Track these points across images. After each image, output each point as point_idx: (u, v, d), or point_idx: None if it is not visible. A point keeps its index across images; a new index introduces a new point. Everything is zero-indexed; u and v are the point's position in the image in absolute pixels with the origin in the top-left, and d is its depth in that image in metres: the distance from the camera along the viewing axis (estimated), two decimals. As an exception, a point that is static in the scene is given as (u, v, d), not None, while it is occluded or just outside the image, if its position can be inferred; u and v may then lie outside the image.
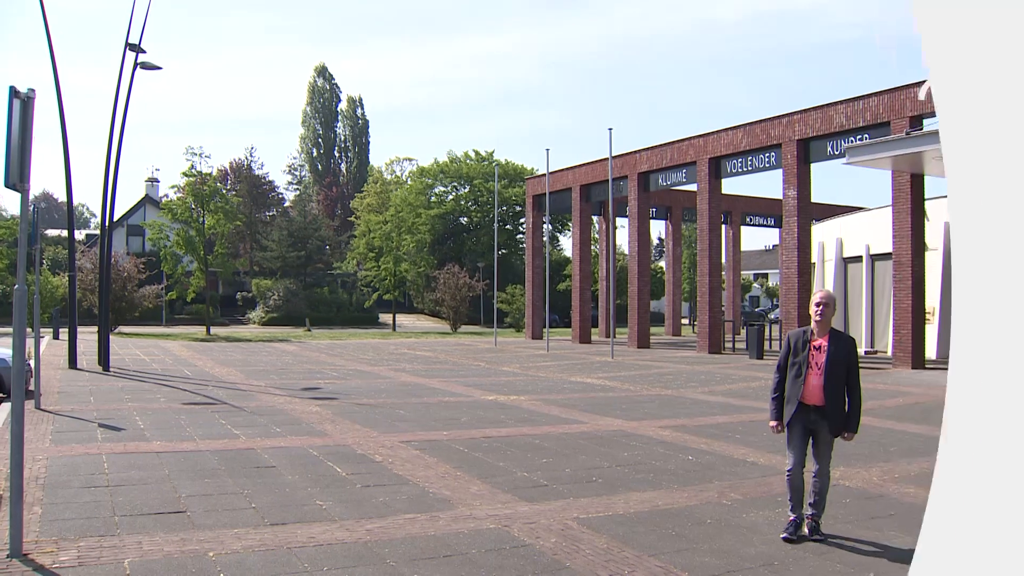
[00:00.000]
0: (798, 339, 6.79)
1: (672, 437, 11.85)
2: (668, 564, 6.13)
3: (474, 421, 13.21)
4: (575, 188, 37.90)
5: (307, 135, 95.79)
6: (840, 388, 6.61)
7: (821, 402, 6.61)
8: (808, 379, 6.64)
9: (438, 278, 55.45)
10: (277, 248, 68.41)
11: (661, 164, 32.63)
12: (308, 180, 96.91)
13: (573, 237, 39.22)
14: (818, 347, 6.67)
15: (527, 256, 42.14)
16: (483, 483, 8.69)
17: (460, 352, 31.37)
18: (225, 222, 43.38)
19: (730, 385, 19.27)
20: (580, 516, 7.43)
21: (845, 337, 6.75)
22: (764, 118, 27.75)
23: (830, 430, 6.65)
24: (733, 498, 8.17)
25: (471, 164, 73.98)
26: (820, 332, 6.72)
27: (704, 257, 30.51)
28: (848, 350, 6.65)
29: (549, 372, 22.56)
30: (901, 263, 22.70)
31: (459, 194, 74.66)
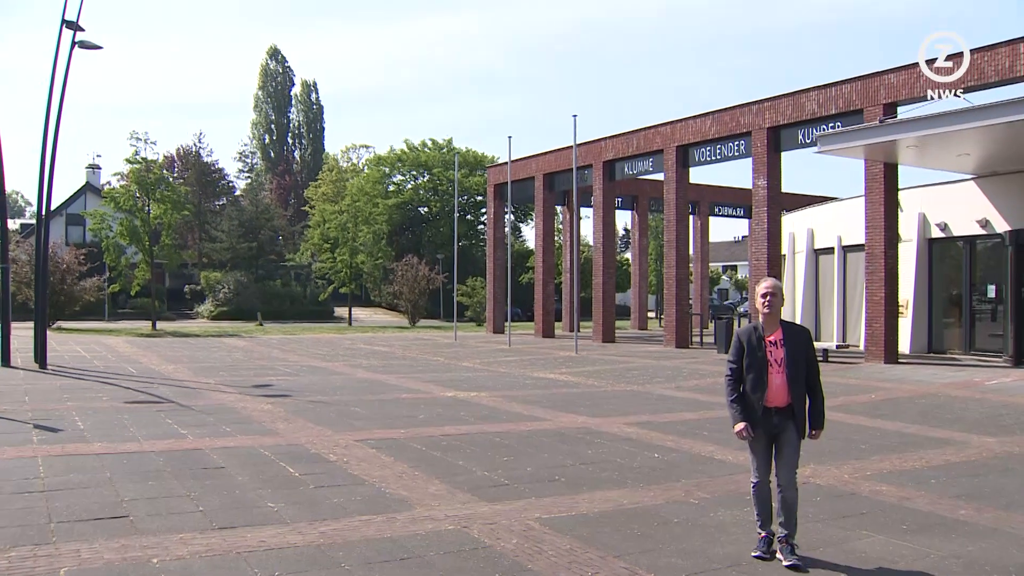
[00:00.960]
0: (750, 336, 6.32)
1: (638, 434, 11.90)
2: (633, 565, 6.16)
3: (433, 418, 13.20)
4: (538, 177, 37.91)
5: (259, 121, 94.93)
6: (802, 383, 6.28)
7: (785, 402, 6.22)
8: (769, 379, 6.23)
9: (396, 270, 55.24)
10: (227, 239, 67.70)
11: (627, 152, 32.75)
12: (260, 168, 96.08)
13: (536, 228, 39.25)
14: (773, 342, 6.28)
15: (488, 248, 42.09)
16: (442, 483, 8.68)
17: (418, 347, 31.32)
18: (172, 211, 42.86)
19: (698, 380, 19.41)
20: (542, 516, 7.45)
21: (798, 328, 6.42)
22: (733, 105, 27.96)
23: (797, 432, 6.26)
24: (700, 497, 8.23)
25: (430, 152, 73.79)
26: (771, 325, 6.33)
27: (671, 248, 30.68)
28: (805, 341, 6.34)
29: (511, 367, 22.59)
30: (874, 255, 22.99)
31: (418, 183, 74.44)
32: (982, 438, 11.62)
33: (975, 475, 9.28)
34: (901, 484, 8.77)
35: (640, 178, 38.35)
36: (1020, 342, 21.55)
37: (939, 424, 12.94)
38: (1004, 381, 18.29)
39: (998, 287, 23.26)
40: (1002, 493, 8.44)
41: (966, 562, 6.27)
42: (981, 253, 24.54)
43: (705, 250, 48.94)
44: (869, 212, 23.11)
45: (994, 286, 23.56)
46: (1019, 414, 13.93)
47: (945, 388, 17.43)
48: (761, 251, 26.60)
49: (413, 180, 74.89)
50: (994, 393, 16.58)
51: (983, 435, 11.86)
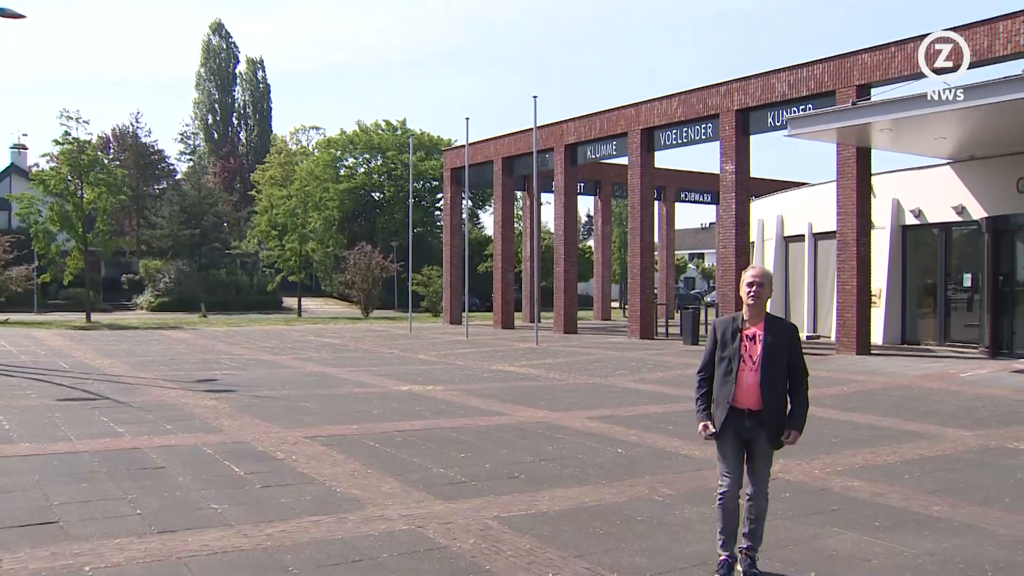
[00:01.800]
0: (726, 328, 5.96)
1: (600, 429, 11.95)
2: (595, 565, 6.17)
3: (386, 413, 13.19)
4: (497, 161, 37.87)
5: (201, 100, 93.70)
6: (780, 387, 5.85)
7: (758, 405, 5.79)
8: (741, 377, 5.83)
9: (348, 258, 54.97)
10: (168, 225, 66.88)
11: (590, 135, 32.80)
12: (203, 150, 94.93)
13: (495, 214, 39.21)
14: (751, 337, 5.87)
15: (445, 235, 42.01)
16: (396, 481, 8.66)
17: (372, 339, 31.24)
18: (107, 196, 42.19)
19: (663, 373, 19.53)
20: (501, 515, 7.45)
21: (784, 323, 6.02)
22: (701, 86, 28.09)
23: (769, 439, 5.85)
24: (665, 493, 8.28)
25: (383, 134, 73.44)
26: (754, 318, 5.93)
27: (635, 236, 30.82)
28: (789, 338, 5.92)
29: (468, 360, 22.60)
30: (845, 242, 23.24)
31: (370, 167, 74.08)
32: (957, 431, 11.81)
33: (950, 469, 9.43)
34: (873, 479, 8.87)
35: (603, 162, 38.41)
36: (997, 333, 21.93)
37: (913, 417, 13.13)
38: (980, 373, 18.60)
39: (974, 276, 23.62)
40: (977, 488, 8.58)
41: (940, 560, 6.36)
42: (957, 241, 24.90)
43: (671, 237, 49.25)
44: (841, 198, 23.35)
45: (970, 275, 23.92)
46: (995, 406, 14.18)
47: (919, 380, 17.69)
48: (729, 238, 26.80)
49: (366, 164, 74.48)
50: (970, 385, 16.86)
51: (958, 428, 12.05)
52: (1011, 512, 7.68)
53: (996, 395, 15.45)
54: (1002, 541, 6.81)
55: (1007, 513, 7.65)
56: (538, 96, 30.87)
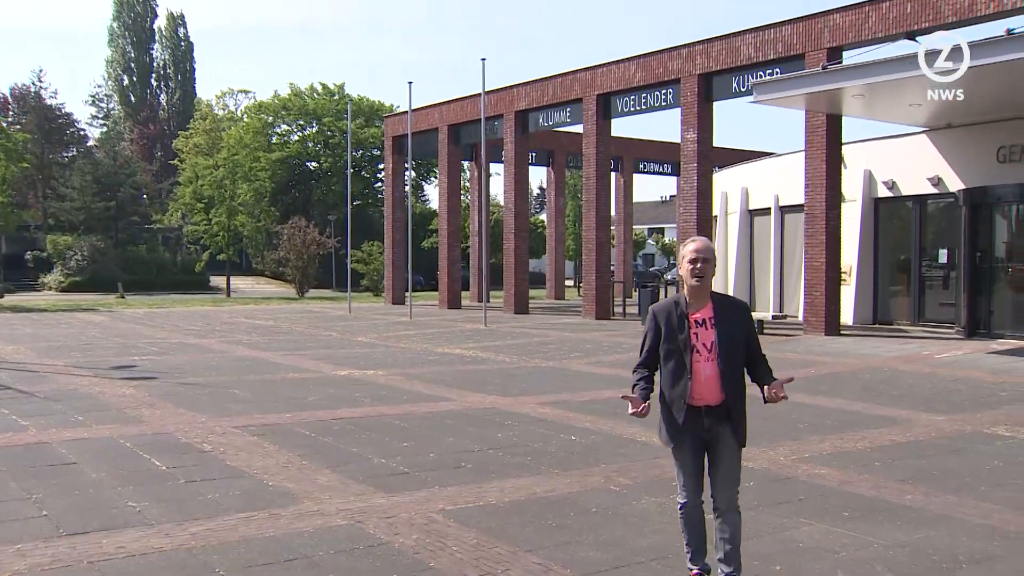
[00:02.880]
0: (669, 314, 5.46)
1: (553, 415, 12.01)
2: (548, 560, 6.20)
3: (323, 400, 13.16)
4: (442, 129, 37.72)
5: (115, 58, 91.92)
6: (740, 374, 5.50)
7: (719, 399, 5.39)
8: (696, 370, 5.38)
9: (281, 234, 54.51)
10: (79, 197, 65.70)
11: (542, 102, 32.76)
12: (118, 114, 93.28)
13: (440, 186, 39.10)
14: (701, 321, 5.41)
15: (386, 208, 41.81)
16: (333, 472, 8.65)
17: (308, 320, 31.09)
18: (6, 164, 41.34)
19: (619, 355, 19.64)
20: (446, 508, 7.46)
21: (734, 301, 5.66)
22: (661, 49, 28.15)
23: (735, 435, 5.47)
24: (622, 483, 8.33)
25: (319, 99, 72.80)
26: (699, 299, 5.47)
27: (591, 209, 30.89)
28: (743, 319, 5.55)
29: (412, 342, 22.57)
30: (814, 216, 23.49)
31: (305, 135, 73.45)
32: (931, 416, 12.01)
33: (923, 456, 9.58)
34: (842, 467, 9.00)
35: (556, 130, 38.42)
36: (974, 312, 22.32)
37: (884, 401, 13.34)
38: (956, 354, 18.94)
39: (950, 251, 23.96)
40: (952, 476, 8.73)
41: (912, 551, 6.46)
42: (932, 214, 25.28)
43: (628, 211, 49.48)
44: (809, 169, 23.59)
45: (946, 250, 24.26)
46: (971, 390, 14.45)
47: (891, 362, 17.98)
48: (690, 212, 26.97)
49: (300, 131, 73.82)
50: (945, 367, 17.16)
51: (932, 413, 12.25)
52: (987, 501, 7.82)
53: (972, 378, 15.74)
54: (977, 531, 6.94)
55: (982, 502, 7.78)
56: (486, 59, 30.82)
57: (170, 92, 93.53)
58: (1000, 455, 9.66)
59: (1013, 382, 15.18)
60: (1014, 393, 14.07)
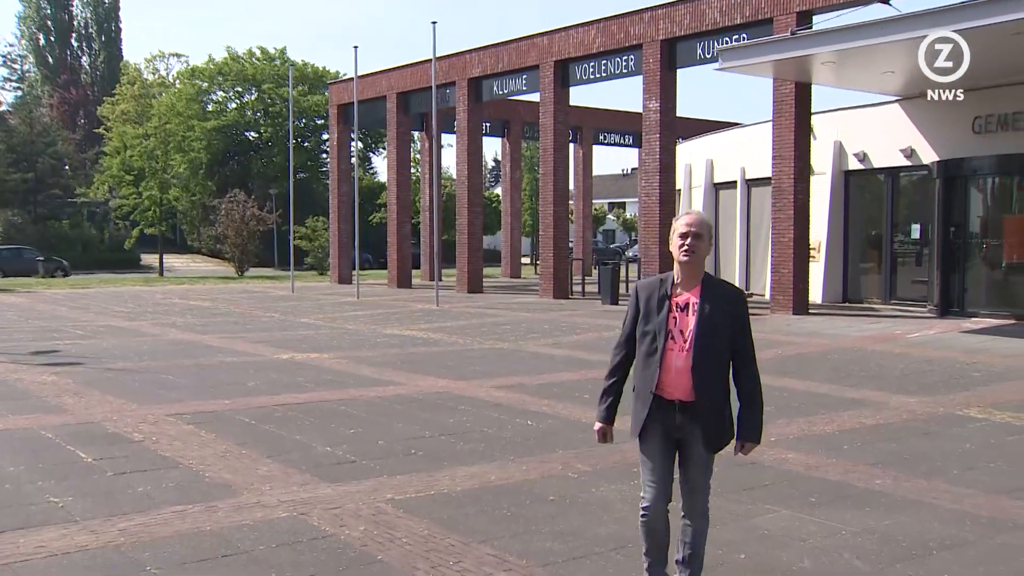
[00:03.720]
0: (651, 293, 5.13)
1: (508, 399, 12.07)
2: (502, 551, 6.23)
3: (264, 386, 13.13)
4: (391, 97, 37.50)
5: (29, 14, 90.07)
6: (720, 371, 5.05)
7: (689, 395, 5.01)
8: (667, 358, 5.03)
9: (218, 208, 53.95)
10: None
11: (496, 68, 32.66)
12: (34, 77, 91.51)
13: (389, 158, 38.89)
14: (683, 305, 5.05)
15: (332, 181, 41.56)
16: (275, 462, 8.63)
17: (248, 301, 30.92)
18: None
19: (578, 336, 19.74)
20: (395, 497, 7.47)
21: (728, 288, 5.25)
22: (622, 13, 28.13)
23: (705, 442, 5.09)
24: (580, 470, 8.38)
25: (258, 64, 71.99)
26: (688, 281, 5.10)
27: (548, 182, 30.90)
28: (734, 308, 5.11)
29: (359, 323, 22.54)
30: (782, 189, 23.65)
31: (244, 102, 72.62)
32: (902, 398, 12.19)
33: (893, 440, 9.74)
34: (810, 451, 9.12)
35: (512, 99, 38.34)
36: (947, 290, 22.62)
37: (854, 383, 13.52)
38: (928, 333, 19.23)
39: (923, 227, 24.25)
40: (923, 459, 8.88)
41: (882, 537, 6.57)
42: (905, 187, 25.57)
43: (588, 185, 49.53)
44: (777, 140, 23.72)
45: (919, 226, 24.56)
46: (944, 370, 14.68)
47: (862, 342, 18.21)
48: (652, 185, 27.06)
49: (238, 98, 72.96)
50: (916, 347, 17.41)
51: (903, 394, 12.44)
52: (959, 485, 7.97)
53: (945, 358, 15.98)
54: (948, 517, 7.07)
55: (954, 486, 7.93)
56: (437, 22, 30.57)
57: (93, 54, 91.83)
58: (972, 437, 9.84)
59: (986, 362, 15.45)
60: (987, 374, 14.33)
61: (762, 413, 5.19)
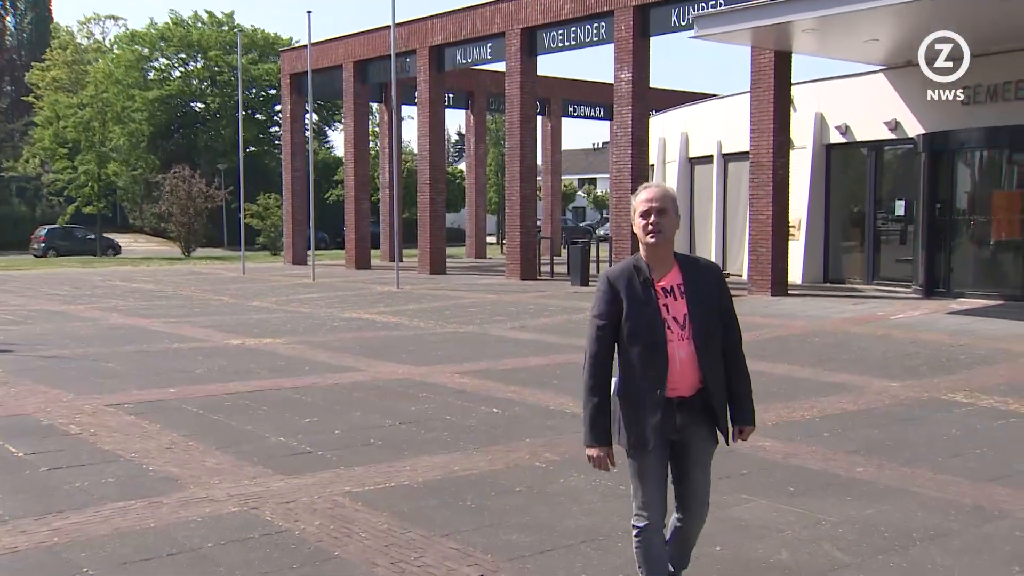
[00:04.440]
0: (630, 281, 4.72)
1: (473, 385, 12.09)
2: (466, 545, 6.25)
3: (213, 373, 13.09)
4: (347, 66, 37.29)
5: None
6: (719, 354, 4.82)
7: (692, 388, 4.72)
8: (670, 352, 4.66)
9: (163, 184, 53.57)
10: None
11: (460, 36, 32.54)
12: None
13: (346, 131, 38.75)
14: (668, 289, 4.72)
15: (285, 156, 41.31)
16: (224, 454, 8.61)
17: (195, 283, 30.77)
18: None
19: (546, 318, 19.78)
20: (353, 490, 7.48)
21: (704, 264, 4.97)
22: (592, -25, 28.11)
23: (713, 437, 4.86)
24: (548, 459, 8.42)
25: (204, 29, 71.44)
26: (661, 262, 4.77)
27: (515, 157, 30.86)
28: (716, 284, 4.85)
29: (315, 307, 22.48)
30: (760, 164, 23.71)
31: (189, 70, 72.02)
32: (884, 382, 12.29)
33: (875, 426, 9.83)
34: (789, 438, 9.19)
35: (476, 69, 38.22)
36: (932, 269, 22.72)
37: (835, 367, 13.62)
38: (912, 315, 19.39)
39: (908, 203, 24.40)
40: (906, 446, 8.97)
41: (863, 528, 6.64)
42: (889, 162, 25.72)
43: (557, 159, 49.58)
44: (755, 112, 23.77)
45: (904, 202, 24.72)
46: (929, 353, 14.81)
47: (843, 324, 18.35)
48: (624, 160, 27.09)
49: (182, 66, 72.36)
50: (900, 329, 17.56)
51: (886, 379, 12.55)
52: (943, 472, 8.06)
53: (930, 340, 16.13)
54: (933, 506, 7.15)
55: (939, 473, 8.02)
56: (396, -15, 30.37)
57: (19, 15, 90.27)
58: (958, 423, 9.95)
59: (973, 345, 15.60)
60: (973, 357, 14.47)
61: (751, 393, 4.99)
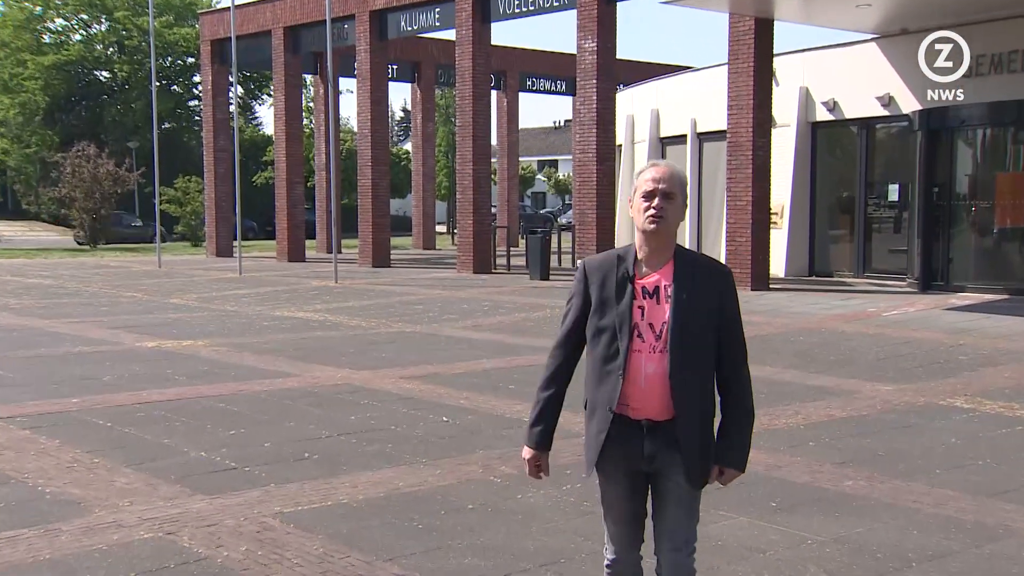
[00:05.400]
0: (606, 275, 4.44)
1: (421, 391, 12.10)
2: (412, 571, 6.26)
3: (124, 380, 12.98)
4: (276, 32, 37.13)
5: None
6: (705, 377, 4.42)
7: (665, 413, 4.36)
8: (634, 363, 4.35)
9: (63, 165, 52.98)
10: None
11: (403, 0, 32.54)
12: None
13: (276, 106, 38.57)
14: (652, 290, 4.39)
15: (206, 133, 41.05)
16: (136, 472, 8.54)
17: (103, 278, 30.50)
18: None
19: (502, 317, 19.83)
20: (285, 510, 7.45)
21: (709, 264, 4.60)
22: (552, -68, 28.13)
23: (689, 473, 4.40)
24: (505, 473, 8.42)
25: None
26: (656, 255, 4.44)
27: (467, 136, 30.82)
28: (720, 292, 4.44)
29: (243, 304, 22.42)
30: (739, 144, 23.78)
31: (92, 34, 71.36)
32: (876, 386, 12.41)
33: (866, 434, 9.91)
34: (772, 448, 9.24)
35: (423, 37, 38.20)
36: (929, 260, 22.87)
37: (821, 368, 13.74)
38: (907, 311, 19.58)
39: (903, 187, 24.53)
40: (900, 457, 9.05)
41: (853, 548, 6.70)
42: (882, 141, 25.91)
43: (513, 139, 49.59)
44: (733, 86, 23.83)
45: (898, 186, 24.84)
46: (925, 354, 14.96)
47: (830, 321, 18.50)
48: (589, 140, 27.10)
49: (84, 29, 71.70)
50: (894, 327, 17.73)
51: (878, 382, 12.66)
52: (942, 486, 8.13)
53: (926, 339, 16.29)
54: (930, 523, 7.21)
55: (937, 488, 8.08)
56: (332, -58, 30.30)
57: None
58: (958, 431, 10.05)
59: (974, 344, 15.77)
60: (975, 357, 14.64)
61: (751, 431, 4.57)
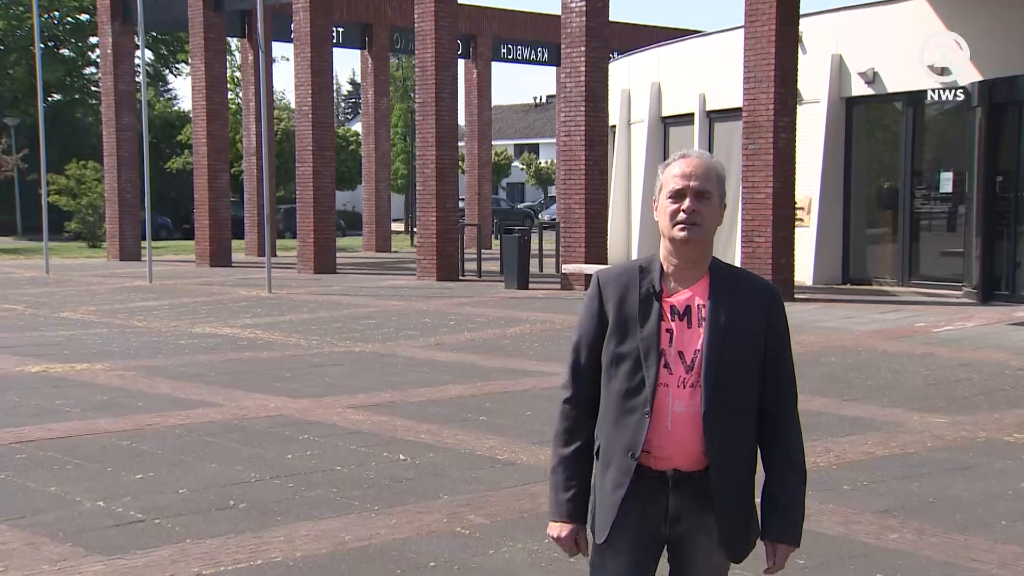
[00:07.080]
0: (627, 290, 4.26)
1: (372, 424, 12.07)
2: (362, 644, 6.20)
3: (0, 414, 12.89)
4: (196, -15, 37.16)
5: None
6: (746, 420, 4.27)
7: (696, 461, 4.17)
8: (661, 400, 4.17)
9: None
10: None
11: (353, -55, 32.56)
12: None
13: (194, 76, 38.47)
14: (683, 310, 4.23)
15: (106, 109, 40.90)
16: (14, 528, 8.46)
17: (-24, 288, 30.34)
18: None
19: (472, 333, 19.83)
20: (204, 572, 7.40)
21: (752, 281, 4.46)
22: None
23: (728, 543, 4.22)
24: (475, 523, 8.40)
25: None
26: (688, 269, 4.27)
27: (428, 115, 30.82)
28: (766, 313, 4.35)
29: (154, 319, 22.36)
30: (757, 125, 23.75)
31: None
32: (925, 417, 12.40)
33: (914, 477, 9.89)
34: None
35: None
36: (991, 265, 22.82)
37: (859, 396, 13.75)
38: (964, 326, 19.57)
39: (958, 176, 24.54)
40: (956, 505, 9.01)
41: (899, 616, 6.68)
42: (933, 120, 25.93)
43: (486, 119, 49.60)
44: (750, 55, 23.79)
45: (951, 175, 24.82)
46: (986, 379, 14.92)
47: (869, 339, 18.52)
48: (576, 120, 27.10)
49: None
50: (947, 346, 17.70)
51: (927, 413, 12.65)
52: (1007, 540, 8.09)
53: (988, 361, 16.28)
54: (993, 586, 7.22)
55: (1001, 543, 8.04)
56: None
57: None
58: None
59: (1045, 367, 15.80)
60: (1046, 383, 14.66)
61: (804, 493, 4.36)
